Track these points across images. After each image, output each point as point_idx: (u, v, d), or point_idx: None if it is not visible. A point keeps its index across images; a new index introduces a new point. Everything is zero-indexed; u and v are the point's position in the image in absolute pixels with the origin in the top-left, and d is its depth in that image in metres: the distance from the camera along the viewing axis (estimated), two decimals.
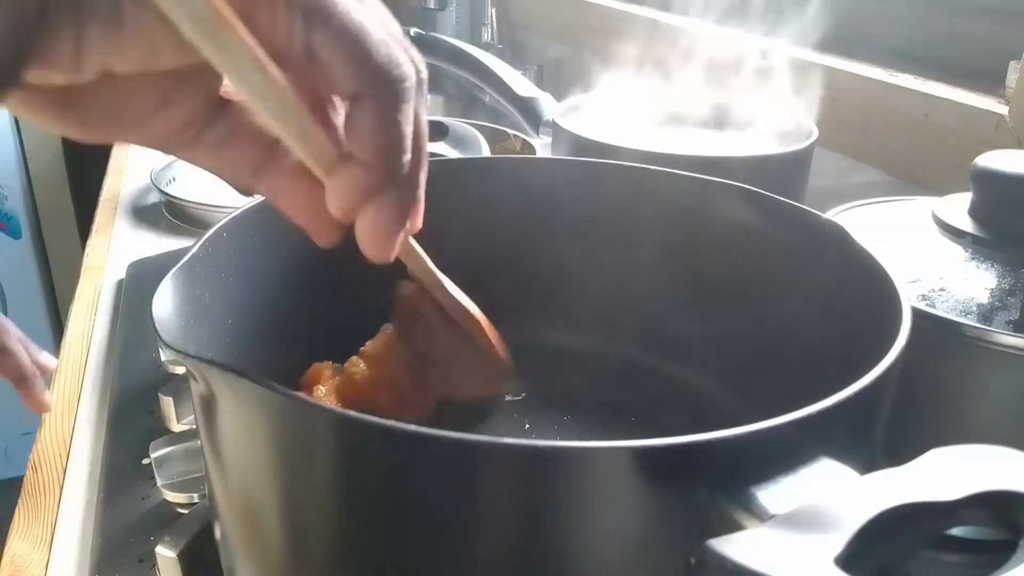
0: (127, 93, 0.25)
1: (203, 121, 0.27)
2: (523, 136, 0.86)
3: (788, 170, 0.61)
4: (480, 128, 0.83)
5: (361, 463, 0.26)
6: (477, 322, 0.42)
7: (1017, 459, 0.23)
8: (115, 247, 0.87)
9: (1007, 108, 0.62)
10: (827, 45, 0.74)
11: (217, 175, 0.29)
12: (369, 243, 0.27)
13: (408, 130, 0.26)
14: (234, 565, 0.33)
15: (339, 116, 0.27)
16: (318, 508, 0.28)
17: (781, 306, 0.43)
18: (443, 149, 0.56)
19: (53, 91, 0.24)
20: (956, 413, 0.41)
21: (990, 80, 0.66)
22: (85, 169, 1.77)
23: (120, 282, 0.78)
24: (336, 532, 0.28)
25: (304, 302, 0.44)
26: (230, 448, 0.30)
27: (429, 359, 0.43)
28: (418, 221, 0.29)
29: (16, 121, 1.82)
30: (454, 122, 0.81)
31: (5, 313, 1.84)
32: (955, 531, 0.23)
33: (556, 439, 0.43)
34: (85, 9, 0.22)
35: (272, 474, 0.29)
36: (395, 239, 0.27)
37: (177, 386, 0.54)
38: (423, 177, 0.28)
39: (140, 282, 0.75)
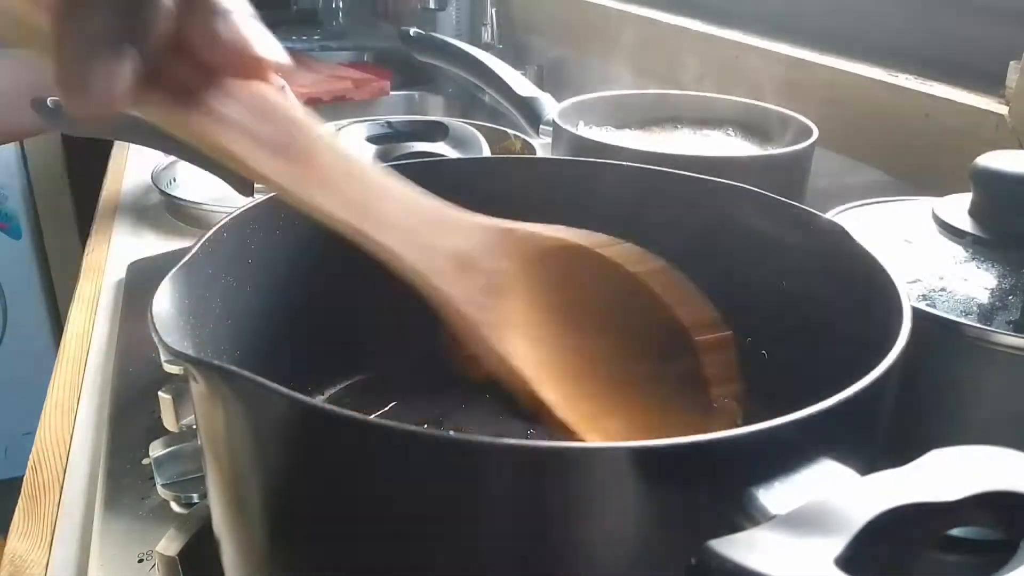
0: None
1: None
2: (523, 136, 0.86)
3: (788, 170, 0.61)
4: (480, 128, 0.83)
5: (361, 463, 0.26)
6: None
7: (1018, 459, 0.23)
8: (115, 247, 0.87)
9: (1007, 108, 0.62)
10: (827, 45, 0.74)
11: None
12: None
13: None
14: (234, 565, 0.33)
15: None
16: (319, 508, 0.28)
17: (780, 306, 0.43)
18: (443, 149, 0.56)
19: None
20: (957, 413, 0.41)
21: (990, 80, 0.66)
22: (85, 169, 1.76)
23: (120, 282, 0.78)
24: (337, 532, 0.28)
25: (305, 302, 0.44)
26: (230, 448, 0.30)
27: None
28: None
29: None
30: (454, 122, 0.81)
31: (5, 313, 1.84)
32: (956, 532, 0.23)
33: (556, 439, 0.43)
34: None
35: (272, 474, 0.29)
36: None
37: (177, 386, 0.54)
38: None
39: (140, 282, 0.75)
